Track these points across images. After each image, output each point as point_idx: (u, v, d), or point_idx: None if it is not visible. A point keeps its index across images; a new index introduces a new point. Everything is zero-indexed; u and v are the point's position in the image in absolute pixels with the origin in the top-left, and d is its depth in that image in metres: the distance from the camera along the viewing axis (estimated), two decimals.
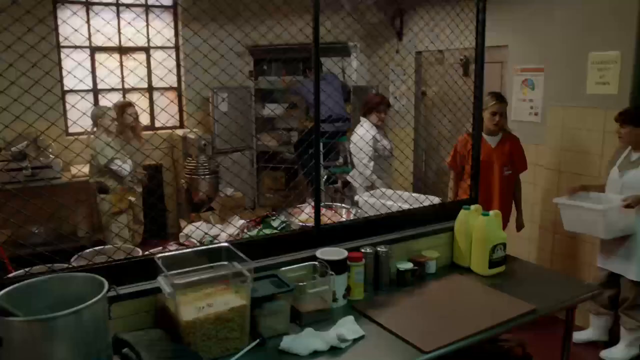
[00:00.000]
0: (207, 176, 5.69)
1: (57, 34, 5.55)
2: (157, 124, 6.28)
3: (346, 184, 5.75)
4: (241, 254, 1.92)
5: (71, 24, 5.35)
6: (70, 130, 5.73)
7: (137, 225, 4.98)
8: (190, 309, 1.75)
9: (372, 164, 4.34)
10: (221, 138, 5.73)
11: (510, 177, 3.88)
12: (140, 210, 4.95)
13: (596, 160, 3.81)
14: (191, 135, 5.82)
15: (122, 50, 6.05)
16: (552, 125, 4.12)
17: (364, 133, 4.34)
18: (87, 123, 4.52)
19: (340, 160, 5.82)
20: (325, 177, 5.43)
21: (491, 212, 2.56)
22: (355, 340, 1.90)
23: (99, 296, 1.56)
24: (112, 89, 5.94)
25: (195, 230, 3.67)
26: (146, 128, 5.67)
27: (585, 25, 3.81)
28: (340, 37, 2.70)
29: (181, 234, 4.03)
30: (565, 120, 4.00)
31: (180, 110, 6.51)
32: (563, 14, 3.99)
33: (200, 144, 5.85)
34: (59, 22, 5.48)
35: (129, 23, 4.93)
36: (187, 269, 1.93)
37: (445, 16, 2.93)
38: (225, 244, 2.05)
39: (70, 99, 5.66)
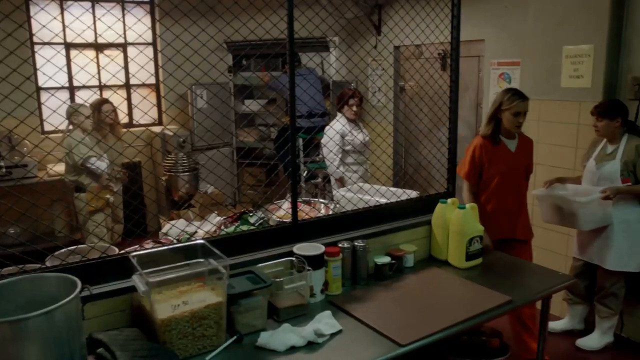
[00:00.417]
0: (186, 173, 5.64)
1: (31, 30, 5.44)
2: (136, 122, 6.21)
3: (326, 179, 5.76)
4: (217, 251, 1.91)
5: (45, 20, 5.25)
6: (46, 128, 5.63)
7: (117, 224, 4.92)
8: (166, 307, 1.74)
9: (337, 157, 4.33)
10: (199, 135, 5.69)
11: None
12: (120, 209, 4.89)
13: (571, 153, 3.87)
14: (169, 132, 5.76)
15: (98, 47, 5.96)
16: (528, 119, 4.13)
17: (339, 128, 4.35)
18: (62, 121, 4.46)
19: (320, 155, 5.83)
20: (306, 172, 5.43)
21: (467, 205, 2.58)
22: (332, 335, 1.90)
23: (71, 296, 1.54)
24: (89, 86, 5.85)
25: (172, 228, 3.63)
26: (124, 125, 5.60)
27: (559, 19, 3.85)
28: (318, 32, 2.68)
29: (161, 231, 3.99)
30: (541, 113, 4.04)
31: (159, 107, 6.44)
32: (538, 8, 4.03)
33: (178, 141, 5.80)
34: (33, 17, 5.37)
35: (99, 19, 4.84)
36: (163, 267, 1.92)
37: (422, 11, 2.94)
38: (201, 241, 2.04)
39: (45, 96, 5.57)
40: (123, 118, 5.94)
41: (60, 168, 4.73)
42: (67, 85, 5.79)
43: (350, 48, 6.03)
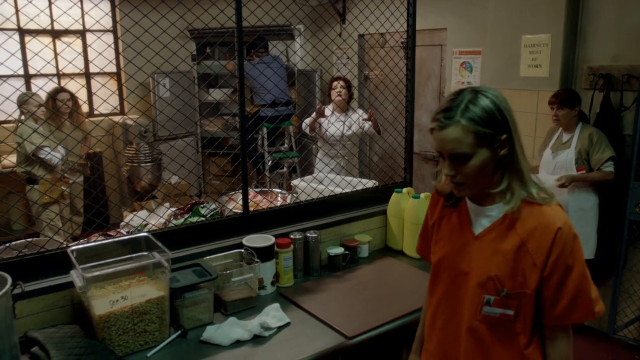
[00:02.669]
0: (148, 164, 5.53)
1: None
2: (97, 111, 6.05)
3: (293, 169, 5.72)
4: (159, 244, 1.86)
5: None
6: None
7: (75, 215, 4.80)
8: (104, 302, 1.68)
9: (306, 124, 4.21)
10: (162, 125, 5.57)
11: None
12: (80, 200, 4.76)
13: (530, 142, 3.90)
14: (130, 122, 5.63)
15: (55, 34, 5.77)
16: None
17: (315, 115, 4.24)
18: (13, 110, 4.30)
19: (285, 145, 5.78)
20: (270, 162, 5.38)
21: (422, 195, 2.57)
22: (279, 328, 1.87)
23: None
24: (45, 74, 5.66)
25: (132, 219, 3.55)
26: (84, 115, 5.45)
27: (519, 9, 3.86)
28: (282, 19, 2.62)
29: (122, 223, 3.90)
30: None
31: (120, 96, 6.28)
32: None
33: (140, 130, 5.67)
34: None
35: (53, 3, 4.69)
36: (104, 261, 1.87)
37: None
38: (144, 234, 1.98)
39: None
40: (82, 105, 5.77)
41: (14, 159, 4.58)
42: (22, 73, 5.60)
43: (314, 36, 5.97)
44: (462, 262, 1.41)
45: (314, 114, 4.07)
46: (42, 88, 4.61)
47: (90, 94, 6.06)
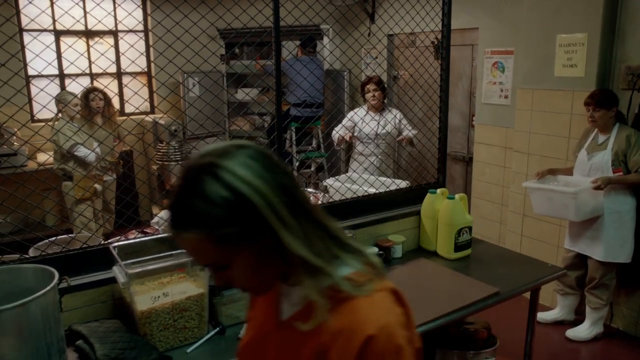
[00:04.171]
0: (179, 162, 5.60)
1: (19, 17, 5.36)
2: (129, 109, 6.15)
3: (320, 169, 5.74)
4: None
5: (35, 8, 5.17)
6: (36, 116, 5.58)
7: (108, 213, 4.89)
8: (146, 298, 1.71)
9: (339, 130, 4.26)
10: (195, 122, 5.62)
11: None
12: (113, 198, 4.85)
13: (564, 143, 3.84)
14: (162, 121, 5.71)
15: (89, 34, 5.89)
16: (521, 108, 4.14)
17: (351, 114, 4.29)
18: (53, 109, 4.42)
19: (313, 144, 5.80)
20: (298, 162, 5.40)
21: (457, 196, 2.55)
22: None
23: (47, 288, 1.51)
24: (79, 74, 5.79)
25: (162, 219, 3.61)
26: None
27: (554, 7, 3.80)
28: (315, 19, 2.64)
29: (152, 221, 3.96)
30: (534, 102, 4.01)
31: (151, 95, 6.38)
32: None
33: (171, 129, 5.75)
34: (21, 4, 5.29)
35: (89, 13, 4.78)
36: (144, 258, 1.90)
37: None
38: None
39: (36, 84, 5.49)
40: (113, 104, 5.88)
41: (51, 157, 4.69)
42: (57, 73, 5.73)
43: (339, 36, 5.98)
44: None
45: (343, 129, 4.13)
46: (80, 87, 4.71)
47: (121, 92, 6.17)
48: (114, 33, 6.09)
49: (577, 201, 3.23)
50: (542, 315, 3.74)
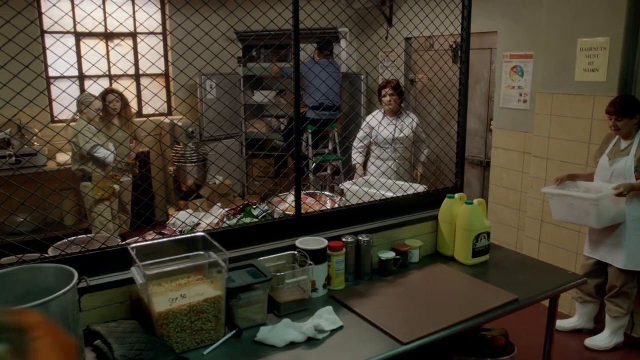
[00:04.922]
0: (195, 163, 5.63)
1: (41, 20, 5.44)
2: (146, 111, 6.21)
3: (336, 171, 5.73)
4: (217, 244, 1.88)
5: (55, 10, 5.25)
6: (56, 117, 5.65)
7: (125, 214, 4.93)
8: (163, 299, 1.72)
9: (358, 146, 4.32)
10: (213, 123, 5.65)
11: None
12: (129, 199, 4.89)
13: (584, 148, 3.78)
14: (179, 122, 5.76)
15: (108, 36, 5.96)
16: (540, 112, 4.09)
17: (369, 118, 4.31)
18: (73, 110, 4.47)
19: (330, 147, 5.79)
20: (314, 164, 5.40)
21: (475, 201, 2.53)
22: (333, 331, 1.87)
23: (67, 287, 1.52)
24: (98, 76, 5.85)
25: (177, 219, 3.63)
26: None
27: (575, 11, 3.76)
28: (327, 23, 2.63)
29: (168, 222, 3.99)
30: (554, 107, 3.96)
31: (169, 97, 6.43)
32: None
33: (188, 130, 5.80)
34: (43, 7, 5.37)
35: (121, 7, 4.83)
36: (162, 259, 1.91)
37: (433, 1, 2.87)
38: (201, 233, 2.02)
39: (55, 85, 5.57)
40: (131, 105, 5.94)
41: (68, 157, 4.75)
42: (77, 74, 5.80)
43: (357, 39, 5.96)
44: None
45: (360, 147, 4.26)
46: (100, 88, 4.76)
47: (139, 94, 6.22)
48: (133, 35, 6.16)
49: (598, 208, 3.18)
50: (560, 323, 3.69)
